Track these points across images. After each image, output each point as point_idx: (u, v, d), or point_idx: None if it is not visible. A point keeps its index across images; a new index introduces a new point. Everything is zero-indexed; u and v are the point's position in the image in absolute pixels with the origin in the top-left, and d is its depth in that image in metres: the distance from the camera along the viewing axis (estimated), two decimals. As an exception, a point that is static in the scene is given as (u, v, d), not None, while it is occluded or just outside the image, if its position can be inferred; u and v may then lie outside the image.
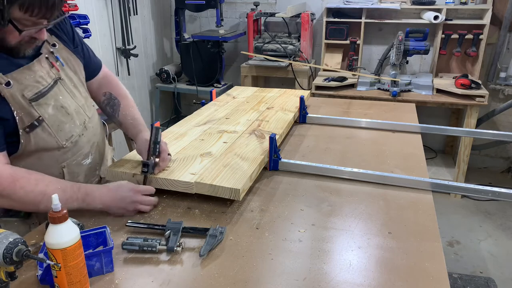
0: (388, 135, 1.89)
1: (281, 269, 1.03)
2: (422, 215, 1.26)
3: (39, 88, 1.20)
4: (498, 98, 3.65)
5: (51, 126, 1.22)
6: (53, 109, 1.23)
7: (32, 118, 1.18)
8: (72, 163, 1.31)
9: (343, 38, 3.65)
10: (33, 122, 1.18)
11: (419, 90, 3.32)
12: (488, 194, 1.38)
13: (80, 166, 1.35)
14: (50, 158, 1.24)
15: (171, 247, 1.07)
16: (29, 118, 1.17)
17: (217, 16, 3.69)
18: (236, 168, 1.38)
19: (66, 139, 1.27)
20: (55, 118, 1.23)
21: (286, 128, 1.83)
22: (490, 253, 2.78)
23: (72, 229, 0.89)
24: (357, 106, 2.32)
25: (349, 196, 1.38)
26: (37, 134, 1.20)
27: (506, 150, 3.87)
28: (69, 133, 1.28)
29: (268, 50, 3.65)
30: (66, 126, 1.27)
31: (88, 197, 1.20)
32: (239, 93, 2.32)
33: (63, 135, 1.26)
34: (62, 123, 1.25)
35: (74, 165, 1.32)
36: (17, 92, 1.15)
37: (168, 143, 1.58)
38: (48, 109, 1.22)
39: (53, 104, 1.23)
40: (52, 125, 1.23)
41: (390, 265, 1.05)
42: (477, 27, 3.38)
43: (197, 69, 3.85)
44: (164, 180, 1.32)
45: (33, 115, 1.18)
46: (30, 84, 1.18)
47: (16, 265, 0.83)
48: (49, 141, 1.23)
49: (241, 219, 1.24)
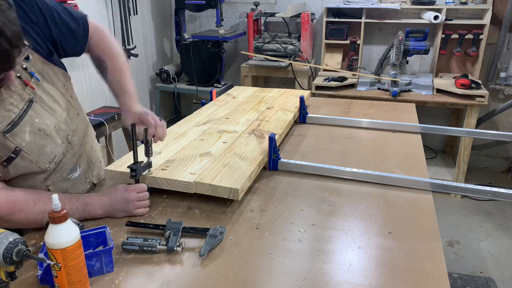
0: (388, 135, 1.89)
1: (281, 269, 1.03)
2: (422, 215, 1.27)
3: (11, 117, 1.09)
4: (498, 98, 3.65)
5: (30, 153, 1.14)
6: (30, 134, 1.13)
7: (9, 151, 1.10)
8: (58, 180, 1.27)
9: (343, 38, 3.65)
10: (9, 155, 1.11)
11: (419, 90, 3.32)
12: (487, 194, 1.38)
13: (68, 181, 1.30)
14: (35, 180, 1.21)
15: (171, 247, 1.07)
16: (5, 152, 1.10)
17: (217, 16, 3.69)
18: (235, 168, 1.38)
19: (49, 161, 1.20)
20: (34, 143, 1.15)
21: (286, 128, 1.83)
22: (490, 253, 2.78)
23: (72, 229, 0.89)
24: (357, 106, 2.32)
25: (349, 196, 1.38)
26: (16, 165, 1.13)
27: (506, 150, 3.87)
28: (51, 155, 1.20)
29: (268, 50, 3.65)
30: (47, 148, 1.18)
31: (88, 206, 1.22)
32: (239, 93, 2.33)
33: (45, 159, 1.19)
34: (42, 146, 1.17)
35: (60, 182, 1.28)
36: None
37: (168, 143, 1.59)
38: (24, 137, 1.12)
39: (29, 129, 1.13)
40: (32, 151, 1.15)
41: (390, 265, 1.05)
42: (477, 27, 3.38)
43: (197, 69, 3.85)
44: (164, 180, 1.32)
45: (9, 147, 1.10)
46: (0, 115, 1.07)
47: (16, 265, 0.83)
48: (30, 168, 1.17)
49: (241, 219, 1.24)
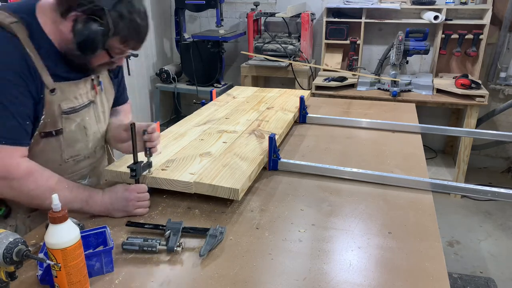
0: (388, 135, 1.89)
1: (281, 269, 1.03)
2: (422, 215, 1.27)
3: (75, 104, 1.25)
4: (498, 98, 3.65)
5: (65, 139, 1.26)
6: (76, 126, 1.28)
7: (53, 128, 1.22)
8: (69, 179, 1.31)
9: (343, 38, 3.65)
10: (51, 131, 1.22)
11: (419, 90, 3.32)
12: (487, 194, 1.38)
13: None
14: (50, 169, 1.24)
15: (171, 247, 1.07)
16: (51, 127, 1.21)
17: (217, 16, 3.69)
18: (235, 168, 1.38)
19: (71, 156, 1.30)
20: (73, 134, 1.28)
21: (286, 128, 1.83)
22: (490, 253, 2.78)
23: (72, 229, 0.89)
24: (357, 106, 2.32)
25: (349, 196, 1.38)
26: (49, 142, 1.23)
27: (506, 150, 3.87)
28: (77, 151, 1.31)
29: (268, 50, 3.65)
30: (78, 145, 1.31)
31: (91, 199, 1.22)
32: (239, 93, 2.32)
33: (70, 152, 1.29)
34: (76, 141, 1.30)
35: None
36: (56, 101, 1.20)
37: (168, 143, 1.59)
38: (71, 125, 1.26)
39: (78, 121, 1.28)
40: (66, 139, 1.26)
41: (390, 265, 1.05)
42: (477, 27, 3.38)
43: (197, 69, 3.85)
44: (163, 180, 1.32)
45: (56, 125, 1.22)
46: (70, 98, 1.23)
47: (16, 265, 0.83)
48: (55, 152, 1.25)
49: (241, 219, 1.24)
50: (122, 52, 1.21)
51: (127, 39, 1.17)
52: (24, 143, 1.14)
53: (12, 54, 1.10)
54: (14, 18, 1.11)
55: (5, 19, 1.10)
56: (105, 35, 1.11)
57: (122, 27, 1.13)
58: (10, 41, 1.10)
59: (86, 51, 1.13)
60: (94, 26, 1.09)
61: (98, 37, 1.10)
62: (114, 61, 1.24)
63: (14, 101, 1.09)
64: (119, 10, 1.11)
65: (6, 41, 1.10)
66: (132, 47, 1.22)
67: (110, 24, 1.10)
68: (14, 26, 1.11)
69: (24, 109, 1.12)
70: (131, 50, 1.24)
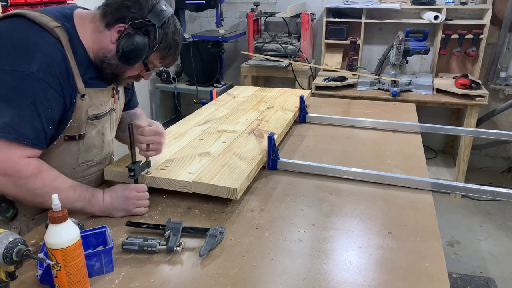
0: (388, 135, 1.89)
1: (281, 269, 1.03)
2: (422, 215, 1.26)
3: (100, 110, 1.28)
4: (498, 98, 3.65)
5: (85, 144, 1.28)
6: (96, 132, 1.30)
7: (78, 132, 1.24)
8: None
9: (343, 38, 3.65)
10: (75, 135, 1.24)
11: (419, 90, 3.32)
12: (487, 194, 1.38)
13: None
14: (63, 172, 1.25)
15: (171, 247, 1.07)
16: (76, 131, 1.23)
17: (217, 16, 3.69)
18: (234, 168, 1.38)
19: (86, 160, 1.32)
20: (92, 140, 1.29)
21: (285, 127, 1.83)
22: (490, 253, 2.78)
23: (72, 229, 0.89)
24: (357, 106, 2.32)
25: (349, 196, 1.38)
26: (69, 145, 1.24)
27: (506, 150, 3.87)
28: (91, 156, 1.33)
29: (268, 50, 3.65)
30: (94, 151, 1.32)
31: (93, 198, 1.23)
32: (240, 93, 2.32)
33: (85, 156, 1.31)
34: (93, 147, 1.31)
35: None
36: (84, 106, 1.22)
37: (168, 143, 1.59)
38: (93, 131, 1.28)
39: (99, 128, 1.30)
40: (86, 144, 1.28)
41: (390, 265, 1.05)
42: (477, 27, 3.38)
43: (197, 69, 3.85)
44: (162, 179, 1.32)
45: (81, 130, 1.24)
46: (96, 104, 1.26)
47: (16, 265, 0.83)
48: (72, 155, 1.27)
49: (241, 219, 1.24)
50: (155, 66, 1.27)
51: (166, 56, 1.25)
52: (41, 146, 1.15)
53: (55, 57, 1.12)
54: (57, 23, 1.15)
55: (49, 22, 1.13)
56: (150, 49, 1.19)
57: (165, 44, 1.21)
58: (54, 44, 1.13)
59: (129, 62, 1.19)
60: (142, 40, 1.16)
61: (144, 50, 1.18)
62: (143, 75, 1.30)
63: (46, 104, 1.11)
64: (166, 29, 1.20)
65: (51, 44, 1.12)
66: (167, 64, 1.29)
67: (157, 40, 1.19)
68: (58, 31, 1.14)
69: (52, 113, 1.14)
70: (163, 66, 1.30)
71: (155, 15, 1.17)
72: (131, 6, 1.16)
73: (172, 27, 1.22)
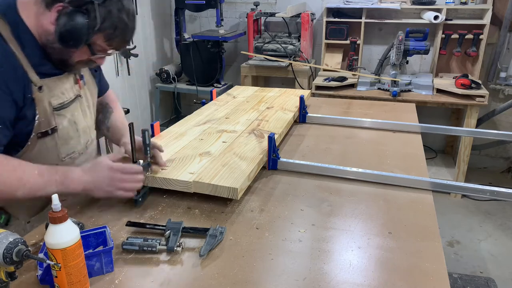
0: (388, 135, 1.89)
1: (281, 269, 1.03)
2: (422, 215, 1.26)
3: (63, 99, 1.24)
4: (498, 98, 3.65)
5: (60, 137, 1.25)
6: (68, 122, 1.26)
7: (49, 126, 1.21)
8: None
9: (343, 38, 3.65)
10: (47, 130, 1.21)
11: (419, 90, 3.32)
12: (487, 194, 1.38)
13: None
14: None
15: (171, 247, 1.07)
16: (46, 125, 1.20)
17: (217, 16, 3.69)
18: (234, 168, 1.38)
19: (67, 154, 1.30)
20: (66, 131, 1.27)
21: (285, 127, 1.83)
22: (490, 253, 2.78)
23: (72, 229, 0.89)
24: (357, 106, 2.31)
25: (349, 196, 1.38)
26: (44, 143, 1.21)
27: (506, 150, 3.87)
28: (71, 148, 1.30)
29: (268, 50, 3.65)
30: (72, 141, 1.30)
31: (67, 179, 1.15)
32: (240, 93, 2.32)
33: (66, 150, 1.29)
34: (69, 138, 1.29)
35: None
36: (45, 98, 1.18)
37: (168, 143, 1.59)
38: (63, 121, 1.25)
39: (69, 117, 1.27)
40: (61, 137, 1.25)
41: (390, 265, 1.05)
42: (477, 27, 3.38)
43: (197, 69, 3.85)
44: (163, 179, 1.32)
45: (51, 123, 1.21)
46: (57, 94, 1.22)
47: (16, 265, 0.83)
48: (52, 152, 1.24)
49: (241, 219, 1.24)
50: (104, 50, 1.19)
51: (112, 37, 1.15)
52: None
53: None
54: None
55: None
56: (91, 29, 1.09)
57: (109, 24, 1.11)
58: None
59: (68, 44, 1.11)
60: (81, 19, 1.07)
61: (83, 30, 1.08)
62: (94, 59, 1.22)
63: None
64: (109, 7, 1.10)
65: None
66: (116, 47, 1.19)
67: (98, 19, 1.08)
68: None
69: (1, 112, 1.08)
70: (113, 49, 1.20)
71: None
72: None
73: (118, 4, 1.11)
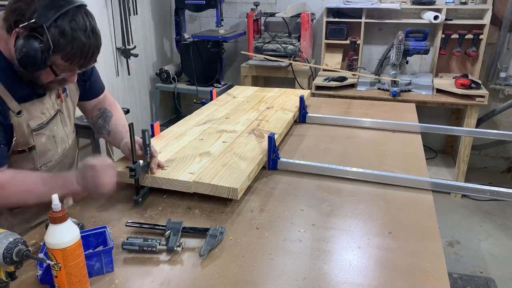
0: (388, 135, 1.89)
1: (281, 269, 1.03)
2: (422, 215, 1.26)
3: (43, 119, 1.25)
4: (498, 98, 3.65)
5: (37, 153, 1.27)
6: (46, 138, 1.28)
7: (27, 145, 1.23)
8: None
9: (343, 38, 3.65)
10: (24, 149, 1.23)
11: (419, 90, 3.32)
12: (487, 194, 1.38)
13: None
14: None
15: (171, 247, 1.07)
16: (24, 145, 1.22)
17: (217, 16, 3.69)
18: (234, 168, 1.38)
19: (44, 163, 1.31)
20: (44, 146, 1.28)
21: (285, 127, 1.83)
22: (490, 253, 2.78)
23: (72, 229, 0.89)
24: (357, 106, 2.31)
25: (349, 196, 1.38)
26: (20, 157, 1.23)
27: (506, 150, 3.87)
28: (48, 159, 1.32)
29: (268, 50, 3.65)
30: (49, 153, 1.32)
31: (66, 182, 1.19)
32: (240, 93, 2.32)
33: (42, 160, 1.30)
34: (47, 150, 1.30)
35: None
36: (24, 122, 1.20)
37: (168, 143, 1.59)
38: (42, 139, 1.27)
39: (47, 134, 1.28)
40: (39, 152, 1.27)
41: (390, 265, 1.05)
42: (477, 27, 3.38)
43: (197, 69, 3.85)
44: (163, 179, 1.32)
45: (29, 143, 1.23)
46: (37, 115, 1.23)
47: (16, 265, 0.83)
48: (28, 163, 1.26)
49: (241, 219, 1.24)
50: (69, 70, 1.16)
51: (70, 57, 1.11)
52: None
53: None
54: None
55: None
56: (45, 52, 1.07)
57: (63, 44, 1.08)
58: None
59: (27, 68, 1.10)
60: (33, 43, 1.06)
61: (37, 54, 1.06)
62: (64, 78, 1.19)
63: None
64: (60, 27, 1.07)
65: None
66: (78, 65, 1.15)
67: (50, 41, 1.06)
68: None
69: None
70: (78, 68, 1.17)
71: (42, 14, 1.05)
72: (17, 8, 1.06)
73: (72, 24, 1.08)
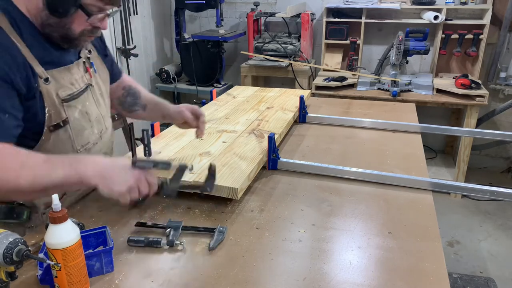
0: (388, 135, 1.89)
1: (281, 269, 1.03)
2: (422, 215, 1.26)
3: (73, 90, 1.22)
4: (498, 98, 3.65)
5: (73, 129, 1.23)
6: (79, 113, 1.25)
7: (60, 118, 1.19)
8: None
9: (343, 38, 3.65)
10: (59, 122, 1.18)
11: (419, 90, 3.32)
12: (487, 194, 1.38)
13: None
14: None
15: (172, 241, 1.08)
16: (57, 118, 1.18)
17: (217, 16, 3.69)
18: (234, 167, 1.38)
19: (82, 145, 1.27)
20: (78, 122, 1.25)
21: (285, 127, 1.83)
22: (490, 253, 2.78)
23: (72, 229, 0.89)
24: (357, 106, 2.32)
25: (349, 196, 1.38)
26: (58, 135, 1.20)
27: (506, 150, 3.87)
28: (86, 139, 1.29)
29: (268, 50, 3.65)
30: (85, 132, 1.28)
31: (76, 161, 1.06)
32: (239, 93, 2.32)
33: (80, 141, 1.26)
34: (83, 128, 1.27)
35: None
36: (52, 90, 1.16)
37: (168, 143, 1.59)
38: (74, 113, 1.23)
39: (80, 108, 1.25)
40: (74, 128, 1.23)
41: (390, 265, 1.05)
42: (477, 27, 3.38)
43: (197, 69, 3.85)
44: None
45: (61, 115, 1.19)
46: (66, 85, 1.20)
47: (16, 265, 0.83)
48: (66, 144, 1.23)
49: (241, 219, 1.24)
50: (100, 9, 1.12)
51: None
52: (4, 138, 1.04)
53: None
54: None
55: None
56: None
57: None
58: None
59: (58, 11, 1.06)
60: None
61: None
62: (95, 24, 1.15)
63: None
64: None
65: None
66: (108, 1, 1.11)
67: None
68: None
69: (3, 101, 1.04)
70: (110, 5, 1.13)
71: None
72: None
73: None
